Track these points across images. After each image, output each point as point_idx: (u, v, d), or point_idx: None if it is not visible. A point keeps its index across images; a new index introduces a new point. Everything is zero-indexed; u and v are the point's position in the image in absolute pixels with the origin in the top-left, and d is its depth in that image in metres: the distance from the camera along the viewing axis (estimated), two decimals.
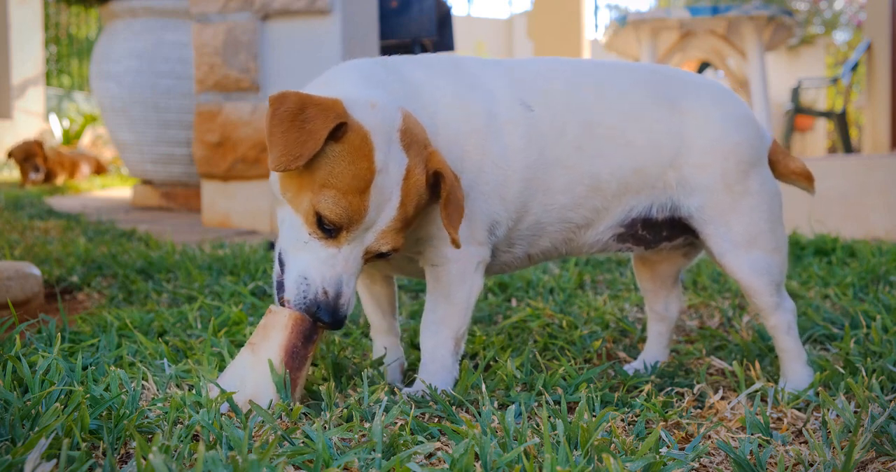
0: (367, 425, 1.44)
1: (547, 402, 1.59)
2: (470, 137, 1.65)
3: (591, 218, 1.77)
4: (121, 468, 1.26)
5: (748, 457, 1.35)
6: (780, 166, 1.87)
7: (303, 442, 1.33)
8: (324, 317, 1.50)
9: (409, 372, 1.91)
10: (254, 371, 1.55)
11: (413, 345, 2.12)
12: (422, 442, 1.35)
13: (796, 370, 1.81)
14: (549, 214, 1.74)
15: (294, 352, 1.55)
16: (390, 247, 1.52)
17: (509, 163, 1.67)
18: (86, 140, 12.08)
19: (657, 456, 1.27)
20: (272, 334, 1.56)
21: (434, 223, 1.65)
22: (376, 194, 1.46)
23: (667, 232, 1.83)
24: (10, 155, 8.43)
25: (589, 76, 1.79)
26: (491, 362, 1.93)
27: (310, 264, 1.50)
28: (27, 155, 8.32)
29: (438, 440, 1.41)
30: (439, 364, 1.69)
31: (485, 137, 1.66)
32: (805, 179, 1.89)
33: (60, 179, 8.62)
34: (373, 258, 1.56)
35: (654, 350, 2.04)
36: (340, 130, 1.44)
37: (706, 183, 1.75)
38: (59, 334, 1.88)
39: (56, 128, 12.24)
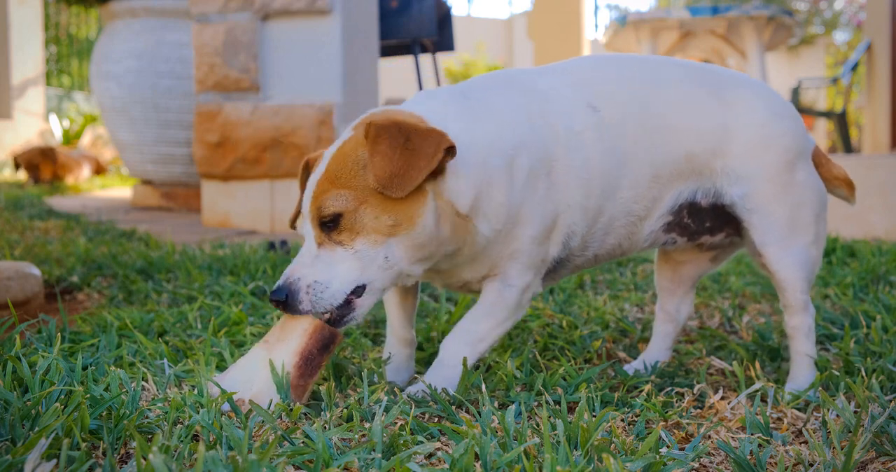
0: (367, 425, 1.44)
1: (547, 402, 1.59)
2: (558, 160, 1.67)
3: (650, 207, 1.78)
4: (121, 468, 1.26)
5: (748, 457, 1.35)
6: (824, 170, 1.87)
7: (303, 442, 1.33)
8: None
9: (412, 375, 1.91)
10: (265, 369, 1.55)
11: None
12: (422, 442, 1.35)
13: (804, 373, 1.81)
14: (618, 210, 1.75)
15: (309, 358, 1.55)
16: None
17: (590, 173, 1.68)
18: (86, 140, 12.07)
19: (657, 456, 1.27)
20: (291, 337, 1.56)
21: (507, 247, 1.66)
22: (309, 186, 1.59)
23: (710, 222, 1.84)
24: (15, 162, 8.45)
25: (638, 70, 1.81)
26: (491, 363, 1.93)
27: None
28: (29, 165, 8.35)
29: (438, 440, 1.41)
30: (454, 371, 1.68)
31: (566, 154, 1.67)
32: (847, 186, 1.90)
33: (69, 180, 8.64)
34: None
35: (657, 350, 2.03)
36: None
37: (749, 172, 1.77)
38: (59, 334, 1.88)
39: (56, 128, 12.24)
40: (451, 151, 1.50)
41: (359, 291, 1.56)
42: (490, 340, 1.71)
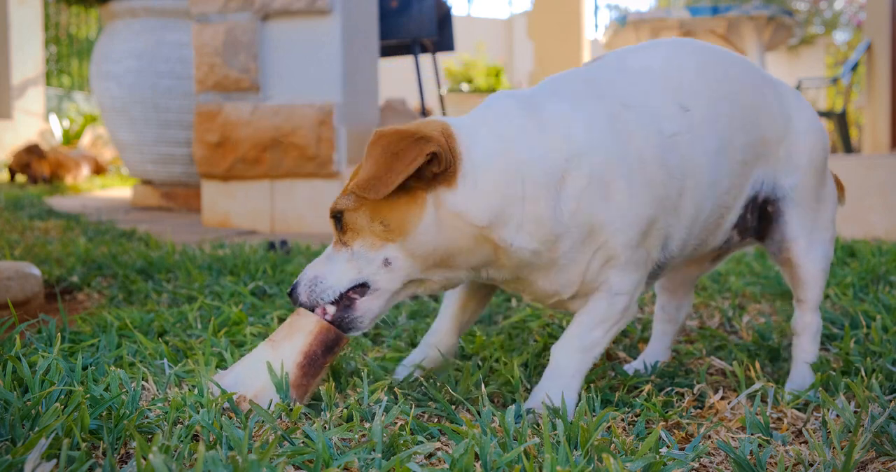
0: (367, 425, 1.44)
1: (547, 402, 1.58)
2: (644, 162, 1.60)
3: (737, 196, 1.76)
4: (121, 468, 1.26)
5: (748, 457, 1.35)
6: None
7: (303, 442, 1.33)
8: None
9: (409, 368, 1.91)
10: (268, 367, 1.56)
11: (412, 344, 2.12)
12: (422, 442, 1.35)
13: (804, 373, 1.82)
14: (714, 201, 1.70)
15: (313, 358, 1.56)
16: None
17: (684, 172, 1.63)
18: (86, 140, 12.07)
19: (657, 456, 1.27)
20: (296, 336, 1.57)
21: (589, 258, 1.59)
22: None
23: (754, 221, 1.83)
24: (10, 170, 8.47)
25: (702, 56, 1.76)
26: (492, 364, 1.93)
27: None
28: (21, 166, 8.36)
29: (438, 440, 1.41)
30: (569, 381, 1.62)
31: (663, 155, 1.61)
32: (839, 188, 1.96)
33: (69, 180, 8.64)
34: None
35: (657, 350, 2.04)
36: None
37: (802, 163, 1.80)
38: (59, 334, 1.88)
39: (56, 128, 12.24)
40: (436, 158, 1.45)
41: (361, 290, 1.55)
42: (602, 345, 1.65)
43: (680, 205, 1.64)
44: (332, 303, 1.56)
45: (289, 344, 1.57)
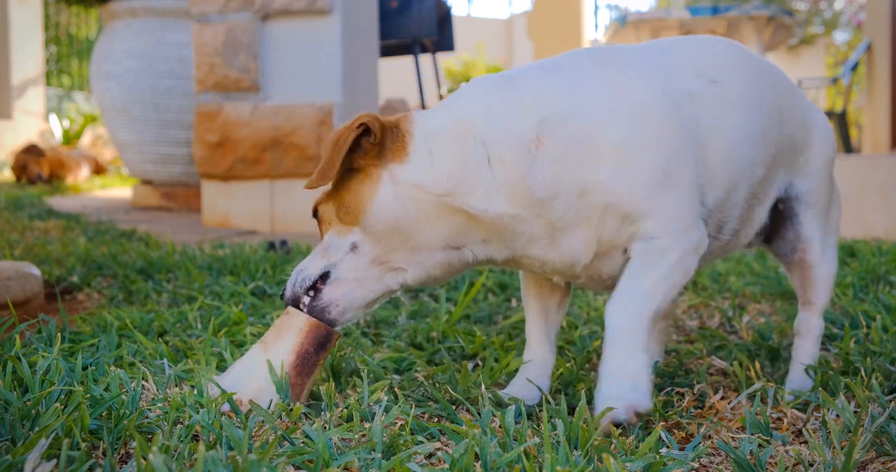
0: (367, 425, 1.44)
1: (547, 402, 1.58)
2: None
3: (767, 192, 1.75)
4: (121, 468, 1.26)
5: (748, 457, 1.35)
6: None
7: (303, 442, 1.33)
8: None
9: (408, 369, 1.91)
10: (263, 369, 1.56)
11: (413, 344, 2.12)
12: (422, 442, 1.35)
13: (804, 374, 1.82)
14: (750, 189, 1.68)
15: (305, 357, 1.56)
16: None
17: (706, 128, 1.59)
18: (86, 140, 12.07)
19: (657, 456, 1.27)
20: (286, 336, 1.57)
21: (651, 194, 1.51)
22: None
23: (769, 222, 1.82)
24: (16, 173, 8.47)
25: (740, 51, 1.75)
26: (492, 364, 1.93)
27: None
28: (22, 168, 8.36)
29: (438, 440, 1.41)
30: (635, 341, 1.49)
31: (671, 107, 1.56)
32: None
33: (69, 180, 8.63)
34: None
35: (654, 351, 2.02)
36: None
37: (818, 166, 1.81)
38: (59, 334, 1.88)
39: (56, 128, 12.24)
40: (367, 131, 1.52)
41: (324, 277, 1.59)
42: (659, 295, 1.52)
43: (707, 157, 1.58)
44: (308, 294, 1.59)
45: (280, 345, 1.57)
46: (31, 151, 8.43)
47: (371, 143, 1.54)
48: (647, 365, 1.48)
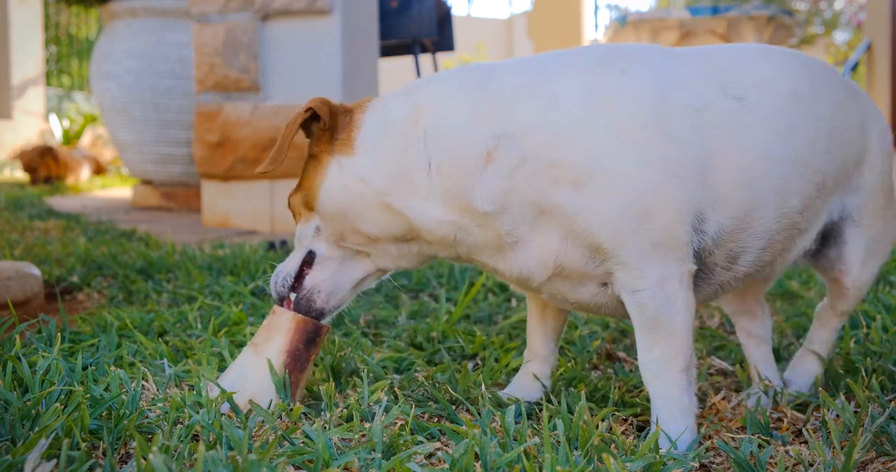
0: (367, 425, 1.44)
1: (547, 401, 1.58)
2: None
3: (811, 220, 1.59)
4: (121, 468, 1.26)
5: (748, 457, 1.35)
6: None
7: (303, 442, 1.33)
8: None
9: (408, 372, 1.91)
10: (255, 371, 1.56)
11: (413, 344, 2.12)
12: (422, 442, 1.35)
13: (805, 374, 1.81)
14: (781, 220, 1.51)
15: (296, 354, 1.56)
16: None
17: (708, 147, 1.42)
18: (86, 140, 12.07)
19: (657, 456, 1.27)
20: (275, 336, 1.57)
21: (616, 234, 1.38)
22: None
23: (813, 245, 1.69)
24: (22, 165, 8.47)
25: (783, 62, 1.59)
26: (492, 364, 1.93)
27: None
28: (29, 167, 8.37)
29: (438, 440, 1.41)
30: (675, 407, 1.44)
31: (662, 120, 1.40)
32: None
33: (70, 180, 8.64)
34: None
35: (772, 376, 1.83)
36: None
37: (870, 181, 1.66)
38: (59, 334, 1.88)
39: (56, 128, 12.23)
40: (314, 115, 1.53)
41: (305, 265, 1.60)
42: (678, 351, 1.44)
43: (712, 179, 1.42)
44: (292, 289, 1.60)
45: (270, 346, 1.57)
46: (47, 153, 8.45)
47: (321, 128, 1.54)
48: (691, 424, 1.44)
